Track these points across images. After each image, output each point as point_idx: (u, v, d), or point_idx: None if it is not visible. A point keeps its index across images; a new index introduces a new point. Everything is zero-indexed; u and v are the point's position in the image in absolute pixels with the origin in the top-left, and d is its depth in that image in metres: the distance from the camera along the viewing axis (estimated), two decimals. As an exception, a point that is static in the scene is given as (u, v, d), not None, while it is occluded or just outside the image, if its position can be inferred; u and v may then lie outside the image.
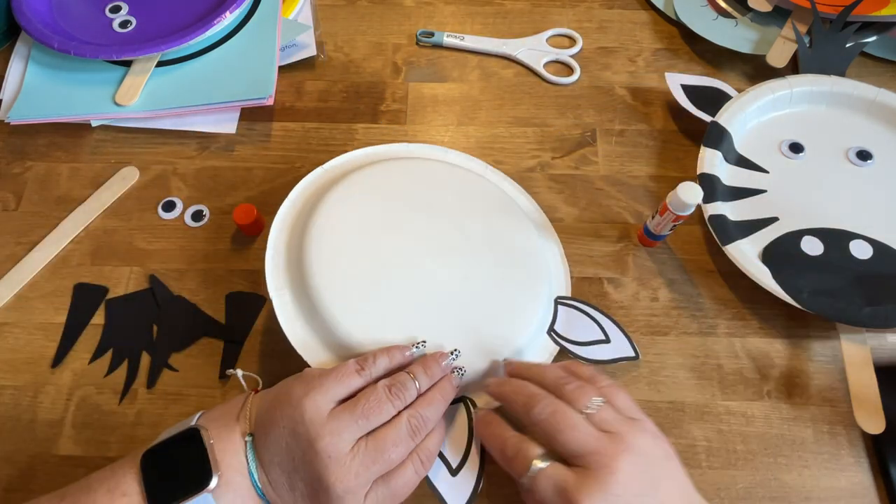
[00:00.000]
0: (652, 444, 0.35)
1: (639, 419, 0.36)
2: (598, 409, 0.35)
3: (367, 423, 0.34)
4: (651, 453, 0.34)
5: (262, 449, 0.35)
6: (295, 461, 0.34)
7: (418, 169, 0.50)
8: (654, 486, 0.33)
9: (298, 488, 0.34)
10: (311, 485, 0.34)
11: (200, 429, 0.35)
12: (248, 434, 0.35)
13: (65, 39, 0.55)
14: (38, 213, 0.52)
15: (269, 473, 0.34)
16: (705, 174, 0.51)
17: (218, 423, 0.36)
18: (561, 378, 0.37)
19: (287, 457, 0.34)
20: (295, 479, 0.34)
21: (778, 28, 0.60)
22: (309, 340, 0.43)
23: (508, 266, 0.46)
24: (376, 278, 0.43)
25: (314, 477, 0.33)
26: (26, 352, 0.47)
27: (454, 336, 0.43)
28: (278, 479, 0.34)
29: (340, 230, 0.45)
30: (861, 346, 0.46)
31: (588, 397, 0.35)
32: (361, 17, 0.64)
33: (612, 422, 0.35)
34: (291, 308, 0.43)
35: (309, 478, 0.33)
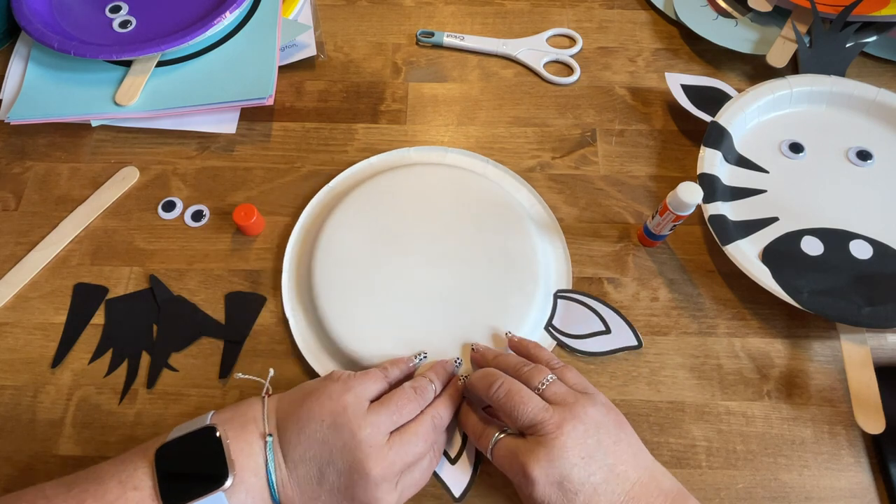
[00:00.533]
0: (602, 412, 0.37)
1: (591, 393, 0.39)
2: (548, 385, 0.38)
3: (399, 417, 0.37)
4: (600, 421, 0.37)
5: (288, 446, 0.36)
6: (333, 452, 0.35)
7: (414, 179, 0.51)
8: (604, 449, 0.36)
9: (330, 480, 0.35)
10: (348, 474, 0.35)
11: (217, 427, 0.35)
12: (268, 435, 0.36)
13: (65, 39, 0.55)
14: (38, 213, 0.52)
15: (295, 469, 0.35)
16: (705, 174, 0.51)
17: (233, 424, 0.36)
18: (520, 362, 0.41)
19: (324, 449, 0.35)
20: (328, 471, 0.35)
21: (778, 28, 0.60)
22: (321, 355, 0.46)
23: (503, 267, 0.48)
24: (377, 293, 0.46)
25: (353, 465, 0.35)
26: (26, 352, 0.47)
27: (451, 339, 0.45)
28: (307, 473, 0.35)
29: (342, 252, 0.48)
30: (861, 346, 0.46)
31: (542, 376, 0.39)
32: (361, 17, 0.64)
33: (563, 395, 0.38)
34: (304, 325, 0.47)
35: (346, 467, 0.35)
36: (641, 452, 0.38)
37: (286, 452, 0.36)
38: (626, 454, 0.37)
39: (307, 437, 0.36)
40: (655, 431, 0.44)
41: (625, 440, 0.37)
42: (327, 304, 0.46)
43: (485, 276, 0.47)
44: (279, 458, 0.35)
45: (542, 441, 0.35)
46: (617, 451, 0.36)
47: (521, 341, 0.44)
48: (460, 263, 0.48)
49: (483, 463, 0.43)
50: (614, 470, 0.36)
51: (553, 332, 0.47)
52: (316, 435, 0.36)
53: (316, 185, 0.53)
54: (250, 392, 0.45)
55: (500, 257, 0.48)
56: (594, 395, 0.39)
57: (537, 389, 0.38)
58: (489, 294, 0.47)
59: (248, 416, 0.37)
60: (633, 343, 0.47)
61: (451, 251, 0.48)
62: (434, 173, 0.52)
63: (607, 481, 0.35)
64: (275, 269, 0.50)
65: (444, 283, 0.47)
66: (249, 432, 0.36)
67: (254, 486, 0.34)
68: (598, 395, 0.39)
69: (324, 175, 0.54)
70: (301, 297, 0.48)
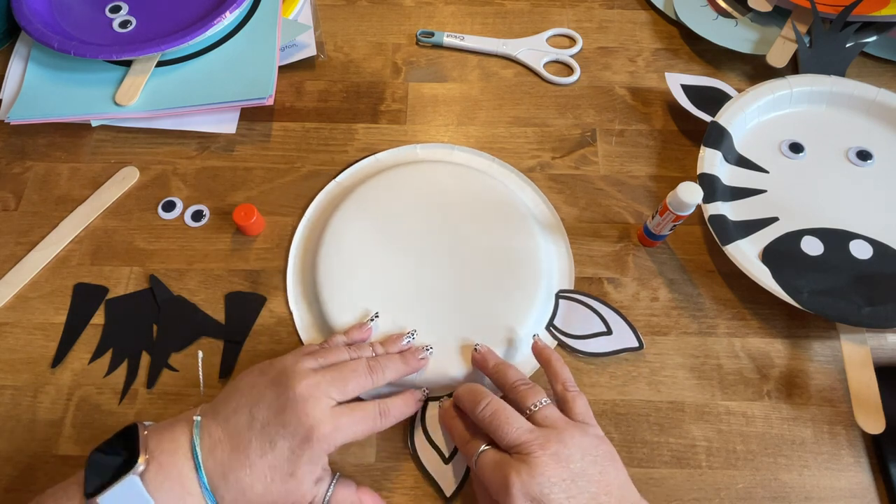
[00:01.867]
0: (593, 443, 0.37)
1: (588, 423, 0.38)
2: (541, 408, 0.38)
3: (325, 360, 0.39)
4: (588, 449, 0.36)
5: (218, 407, 0.36)
6: (262, 390, 0.36)
7: (420, 176, 0.52)
8: (587, 477, 0.35)
9: (260, 417, 0.35)
10: (277, 401, 0.36)
11: (138, 424, 0.36)
12: (196, 416, 0.36)
13: (65, 39, 0.55)
14: (38, 213, 0.52)
15: (227, 424, 0.35)
16: (705, 174, 0.51)
17: (163, 423, 0.37)
18: (517, 380, 0.40)
19: (252, 391, 0.37)
20: (258, 410, 0.36)
21: (778, 28, 0.60)
22: None
23: (507, 266, 0.48)
24: (380, 289, 0.47)
25: (280, 391, 0.36)
26: (26, 352, 0.47)
27: (454, 335, 0.45)
28: (236, 422, 0.35)
29: (347, 247, 0.48)
30: (861, 346, 0.46)
31: (536, 398, 0.39)
32: (361, 17, 0.64)
33: (553, 419, 0.37)
34: (308, 320, 0.48)
35: (275, 396, 0.36)
36: (628, 487, 0.37)
37: (216, 414, 0.36)
38: (611, 486, 0.36)
39: (236, 390, 0.37)
40: (655, 431, 0.44)
41: (612, 473, 0.36)
42: (331, 299, 0.46)
43: (489, 274, 0.47)
44: (210, 428, 0.35)
45: (525, 458, 0.35)
46: (601, 482, 0.35)
47: (545, 350, 0.43)
48: (464, 261, 0.48)
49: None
50: (597, 499, 0.35)
51: (554, 332, 0.47)
52: (244, 384, 0.37)
53: (316, 185, 0.53)
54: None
55: (504, 256, 0.48)
56: (591, 426, 0.38)
57: (529, 410, 0.38)
58: (492, 292, 0.47)
59: (183, 416, 0.37)
60: (635, 345, 0.47)
61: (456, 248, 0.48)
62: (440, 171, 0.52)
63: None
64: (275, 268, 0.50)
65: (447, 279, 0.47)
66: (177, 425, 0.36)
67: (175, 467, 0.34)
68: (594, 428, 0.38)
69: (324, 175, 0.54)
70: (305, 292, 0.48)
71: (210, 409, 0.37)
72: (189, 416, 0.36)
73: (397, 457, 0.43)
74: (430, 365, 0.44)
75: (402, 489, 0.42)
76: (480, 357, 0.43)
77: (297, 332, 0.47)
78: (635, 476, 0.42)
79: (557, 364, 0.42)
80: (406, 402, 0.41)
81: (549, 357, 0.42)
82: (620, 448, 0.43)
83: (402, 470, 0.43)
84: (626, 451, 0.44)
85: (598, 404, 0.45)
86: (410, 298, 0.46)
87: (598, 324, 0.47)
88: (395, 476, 0.43)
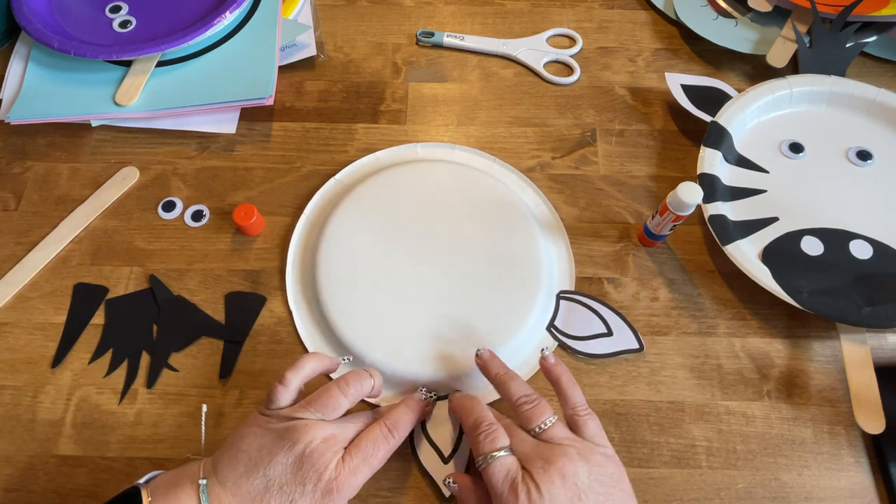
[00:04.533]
0: (601, 461, 0.36)
1: (598, 444, 0.37)
2: (548, 428, 0.37)
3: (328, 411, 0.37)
4: (595, 469, 0.36)
5: (226, 471, 0.35)
6: (272, 450, 0.35)
7: (421, 175, 0.52)
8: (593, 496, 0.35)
9: (276, 478, 0.35)
10: (293, 457, 0.35)
11: (141, 487, 0.35)
12: (202, 479, 0.35)
13: (65, 39, 0.55)
14: (38, 213, 0.52)
15: (239, 490, 0.34)
16: (705, 174, 0.51)
17: (165, 481, 0.35)
18: (522, 396, 0.39)
19: (262, 453, 0.35)
20: (272, 471, 0.35)
21: (778, 28, 0.60)
22: (324, 349, 0.47)
23: (507, 266, 0.48)
24: (380, 287, 0.47)
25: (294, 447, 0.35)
26: (26, 352, 0.47)
27: (451, 337, 0.45)
28: (250, 486, 0.34)
29: (347, 245, 0.48)
30: (861, 346, 0.46)
31: (543, 417, 0.38)
32: (361, 17, 0.64)
33: (561, 438, 0.37)
34: (308, 319, 0.48)
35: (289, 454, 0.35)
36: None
37: (225, 480, 0.35)
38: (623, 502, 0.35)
39: (243, 452, 0.35)
40: (655, 431, 0.44)
41: (617, 496, 0.36)
42: (330, 297, 0.46)
43: (488, 275, 0.47)
44: (219, 495, 0.34)
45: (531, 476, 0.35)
46: (608, 501, 0.35)
47: (555, 370, 0.41)
48: (464, 261, 0.48)
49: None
50: None
51: (555, 333, 0.47)
52: (252, 446, 0.35)
53: (316, 186, 0.53)
54: (251, 391, 0.45)
55: (504, 256, 0.48)
56: (600, 446, 0.37)
57: (534, 431, 0.37)
58: (492, 292, 0.47)
59: (185, 473, 0.36)
60: (635, 346, 0.47)
61: (456, 248, 0.48)
62: (441, 170, 0.52)
63: None
64: (275, 268, 0.50)
65: (447, 279, 0.47)
66: (182, 485, 0.35)
67: None
68: (604, 448, 0.37)
69: (324, 175, 0.54)
70: (305, 291, 0.48)
71: (214, 470, 0.35)
72: (192, 474, 0.35)
73: (397, 457, 0.43)
74: (430, 365, 0.44)
75: (402, 489, 0.42)
76: (482, 363, 0.42)
77: (296, 332, 0.47)
78: (635, 476, 0.42)
79: (568, 385, 0.40)
80: (410, 409, 0.40)
81: (558, 377, 0.40)
82: (620, 448, 0.43)
83: (402, 470, 0.43)
84: (626, 451, 0.44)
85: (598, 404, 0.45)
86: (410, 297, 0.46)
87: (599, 325, 0.47)
88: (395, 476, 0.43)
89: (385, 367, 0.44)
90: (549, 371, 0.41)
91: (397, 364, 0.44)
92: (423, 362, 0.44)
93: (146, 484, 0.35)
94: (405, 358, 0.44)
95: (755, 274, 0.47)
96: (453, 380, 0.44)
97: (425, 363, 0.44)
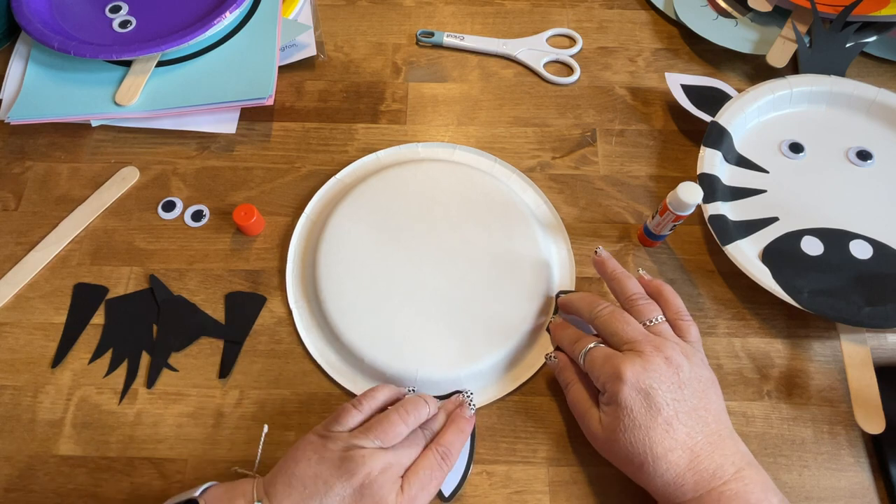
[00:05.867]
0: (700, 364, 0.39)
1: (699, 351, 0.40)
2: (658, 324, 0.40)
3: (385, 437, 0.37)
4: (696, 368, 0.38)
5: (280, 497, 0.35)
6: (328, 481, 0.34)
7: (422, 174, 0.52)
8: (692, 390, 0.37)
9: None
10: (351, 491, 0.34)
11: (198, 499, 0.35)
12: (257, 502, 0.35)
13: (65, 39, 0.55)
14: (38, 213, 0.52)
15: None
16: (705, 174, 0.51)
17: (219, 494, 0.35)
18: (637, 292, 0.42)
19: (318, 482, 0.35)
20: (329, 501, 0.34)
21: (778, 28, 0.60)
22: (324, 349, 0.47)
23: (507, 266, 0.48)
24: (380, 287, 0.47)
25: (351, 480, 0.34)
26: (26, 352, 0.47)
27: (452, 337, 0.45)
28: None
29: (347, 246, 0.48)
30: (861, 346, 0.46)
31: (655, 313, 0.40)
32: (361, 17, 0.64)
33: (668, 335, 0.39)
34: (308, 318, 0.48)
35: (345, 485, 0.34)
36: (724, 414, 0.38)
37: (280, 500, 0.34)
38: (711, 405, 0.37)
39: (298, 479, 0.35)
40: (655, 431, 0.44)
41: (713, 396, 0.38)
42: (330, 297, 0.46)
43: (488, 275, 0.47)
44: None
45: (639, 354, 0.37)
46: (703, 399, 0.37)
47: (653, 282, 0.43)
48: (464, 261, 0.48)
49: (475, 463, 0.43)
50: (697, 411, 0.37)
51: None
52: (307, 474, 0.35)
53: (316, 186, 0.53)
54: (251, 391, 0.45)
55: (505, 256, 0.48)
56: (700, 352, 0.40)
57: (645, 324, 0.40)
58: (492, 292, 0.47)
59: (238, 490, 0.35)
60: None
61: (456, 248, 0.48)
62: (441, 170, 0.52)
63: (689, 415, 0.36)
64: (275, 268, 0.50)
65: (447, 279, 0.47)
66: (235, 502, 0.35)
67: None
68: (703, 355, 0.40)
69: (324, 175, 0.54)
70: (305, 291, 0.48)
71: (267, 494, 0.35)
72: (246, 493, 0.35)
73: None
74: (432, 366, 0.44)
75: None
76: (600, 261, 0.44)
77: (297, 332, 0.47)
78: (635, 476, 0.42)
79: (670, 293, 0.42)
80: (461, 431, 0.40)
81: (659, 286, 0.43)
82: (620, 448, 0.43)
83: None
84: (626, 451, 0.44)
85: (598, 404, 0.45)
86: (410, 297, 0.46)
87: None
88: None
89: (385, 366, 0.44)
90: (648, 284, 0.43)
91: (397, 364, 0.44)
92: (422, 362, 0.44)
93: (202, 495, 0.35)
94: (405, 357, 0.44)
95: (755, 274, 0.47)
96: (453, 380, 0.44)
97: (425, 363, 0.44)
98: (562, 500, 0.42)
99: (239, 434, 0.44)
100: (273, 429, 0.44)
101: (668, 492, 0.36)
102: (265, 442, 0.43)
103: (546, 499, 0.42)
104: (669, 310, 0.41)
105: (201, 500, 0.35)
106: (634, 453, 0.36)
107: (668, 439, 0.36)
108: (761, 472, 0.36)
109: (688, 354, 0.38)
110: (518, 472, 0.43)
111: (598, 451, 0.40)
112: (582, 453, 0.43)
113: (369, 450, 0.36)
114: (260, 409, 0.45)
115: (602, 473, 0.43)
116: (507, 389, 0.45)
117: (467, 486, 0.42)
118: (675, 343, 0.39)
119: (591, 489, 0.42)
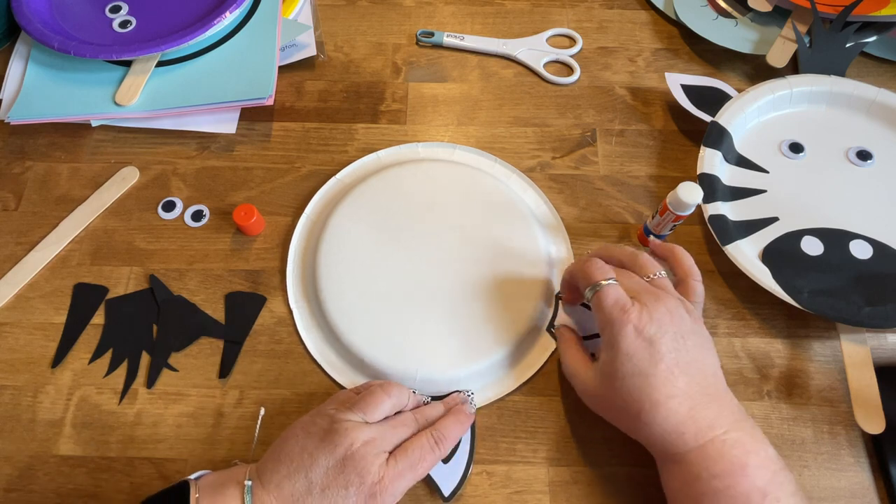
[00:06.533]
0: (699, 321, 0.39)
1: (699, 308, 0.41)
2: (660, 279, 0.40)
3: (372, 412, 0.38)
4: (699, 326, 0.39)
5: (269, 475, 0.35)
6: (314, 453, 0.35)
7: (422, 174, 0.52)
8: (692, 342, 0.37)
9: (318, 480, 0.34)
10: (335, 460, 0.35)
11: (191, 483, 0.35)
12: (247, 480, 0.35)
13: (65, 39, 0.55)
14: (38, 213, 0.52)
15: (281, 492, 0.34)
16: (705, 174, 0.51)
17: (212, 481, 0.36)
18: (636, 252, 0.42)
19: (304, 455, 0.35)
20: (314, 473, 0.35)
21: (778, 28, 0.60)
22: (324, 349, 0.47)
23: (507, 266, 0.48)
24: (380, 287, 0.47)
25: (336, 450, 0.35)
26: (26, 352, 0.47)
27: (452, 336, 0.45)
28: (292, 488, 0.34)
29: (348, 246, 0.48)
30: (861, 346, 0.46)
31: (657, 269, 0.41)
32: (361, 17, 0.64)
33: (669, 289, 0.40)
34: (308, 318, 0.48)
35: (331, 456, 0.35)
36: (720, 371, 0.38)
37: (268, 482, 0.35)
38: (708, 360, 0.38)
39: (286, 454, 0.36)
40: (655, 431, 0.44)
41: (709, 355, 0.38)
42: (330, 297, 0.46)
43: (488, 275, 0.47)
44: (262, 497, 0.34)
45: (644, 304, 0.37)
46: (703, 353, 0.38)
47: (665, 244, 0.44)
48: (464, 261, 0.48)
49: (475, 463, 0.43)
50: (697, 363, 0.37)
51: (554, 334, 0.47)
52: (294, 449, 0.36)
53: (316, 186, 0.53)
54: (251, 391, 0.45)
55: (505, 256, 0.48)
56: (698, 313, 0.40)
57: (647, 278, 0.40)
58: (491, 293, 0.47)
59: (232, 474, 0.36)
60: None
61: (456, 248, 0.48)
62: (441, 170, 0.52)
63: (689, 366, 0.36)
64: (275, 268, 0.50)
65: (447, 279, 0.47)
66: (227, 486, 0.35)
67: None
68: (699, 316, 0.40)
69: (324, 175, 0.54)
70: (305, 291, 0.48)
71: (258, 473, 0.36)
72: (238, 476, 0.35)
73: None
74: (432, 366, 0.44)
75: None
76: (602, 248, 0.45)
77: (297, 332, 0.47)
78: (635, 476, 0.42)
79: (682, 253, 0.43)
80: (460, 423, 0.40)
81: (670, 248, 0.43)
82: (621, 447, 0.43)
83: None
84: (626, 449, 0.43)
85: (598, 404, 0.45)
86: (410, 297, 0.46)
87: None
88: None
89: (385, 366, 0.44)
90: (658, 247, 0.44)
91: (397, 363, 0.44)
92: (422, 362, 0.44)
93: (196, 480, 0.35)
94: (405, 357, 0.44)
95: (755, 274, 0.47)
96: (453, 380, 0.44)
97: (425, 363, 0.44)
98: (562, 500, 0.42)
99: (239, 434, 0.44)
100: (273, 429, 0.44)
101: (669, 440, 0.36)
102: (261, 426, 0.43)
103: (546, 499, 0.42)
104: (681, 268, 0.42)
105: (195, 484, 0.35)
106: (632, 400, 0.36)
107: (669, 386, 0.36)
108: (756, 427, 0.37)
109: (689, 310, 0.39)
110: (518, 472, 0.43)
111: (590, 405, 0.40)
112: (582, 453, 0.43)
113: (353, 422, 0.36)
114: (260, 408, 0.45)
115: (602, 473, 0.43)
116: (508, 389, 0.45)
117: (467, 486, 0.42)
118: (678, 299, 0.39)
119: (591, 489, 0.42)
